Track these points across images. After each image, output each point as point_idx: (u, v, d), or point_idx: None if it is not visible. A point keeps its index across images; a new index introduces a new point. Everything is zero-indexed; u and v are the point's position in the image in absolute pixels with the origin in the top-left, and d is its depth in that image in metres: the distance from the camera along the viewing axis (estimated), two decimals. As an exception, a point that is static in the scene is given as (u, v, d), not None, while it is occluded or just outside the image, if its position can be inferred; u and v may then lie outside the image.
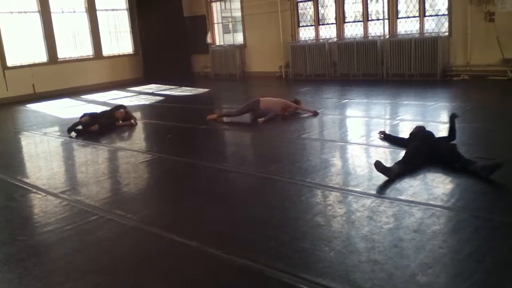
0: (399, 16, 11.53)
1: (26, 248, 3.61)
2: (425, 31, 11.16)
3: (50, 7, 13.24)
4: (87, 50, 14.25)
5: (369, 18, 12.12)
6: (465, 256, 3.00)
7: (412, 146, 4.91)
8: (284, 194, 4.37)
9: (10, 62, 12.49)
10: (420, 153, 4.77)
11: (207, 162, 5.64)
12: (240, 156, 6.17)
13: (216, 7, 15.38)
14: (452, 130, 5.23)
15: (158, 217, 4.14)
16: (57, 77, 13.22)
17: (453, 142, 5.17)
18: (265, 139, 6.81)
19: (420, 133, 5.23)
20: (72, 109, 8.81)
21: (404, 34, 11.44)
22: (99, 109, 8.61)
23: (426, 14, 11.17)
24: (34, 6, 13.02)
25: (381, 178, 4.49)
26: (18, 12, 12.77)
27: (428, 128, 5.52)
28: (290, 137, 6.54)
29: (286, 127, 7.28)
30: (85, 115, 7.80)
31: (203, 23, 15.23)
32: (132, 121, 8.13)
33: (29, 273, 3.21)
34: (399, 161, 4.65)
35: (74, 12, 13.98)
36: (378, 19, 11.96)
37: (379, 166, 4.41)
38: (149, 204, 4.57)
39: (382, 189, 4.24)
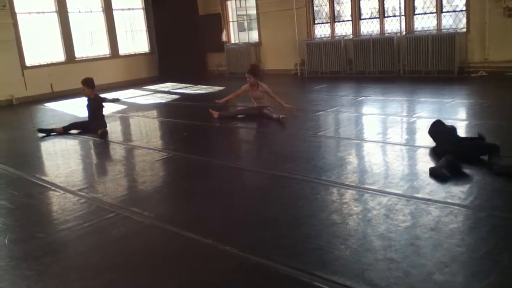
0: (416, 13, 11.41)
1: (44, 245, 3.66)
2: (442, 28, 11.03)
3: (68, 7, 13.38)
4: (104, 49, 14.39)
5: (385, 15, 12.02)
6: (482, 255, 2.96)
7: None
8: (299, 192, 4.35)
9: (28, 62, 12.67)
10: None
11: (222, 160, 5.65)
12: (255, 154, 6.17)
13: (231, 5, 15.40)
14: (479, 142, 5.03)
15: (173, 215, 4.16)
16: (74, 76, 13.24)
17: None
18: (280, 137, 6.80)
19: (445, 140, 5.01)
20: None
21: (421, 31, 11.31)
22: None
23: (444, 10, 11.05)
24: (52, 6, 13.17)
25: (398, 176, 4.46)
26: (37, 13, 12.93)
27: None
28: (305, 135, 6.52)
29: (301, 125, 7.25)
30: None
31: (218, 22, 15.26)
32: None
33: (46, 270, 3.25)
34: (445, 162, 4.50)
35: (91, 11, 14.11)
36: (394, 16, 11.85)
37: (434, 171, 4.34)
38: (165, 202, 4.60)
39: (399, 187, 4.20)
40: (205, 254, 3.32)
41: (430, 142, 5.29)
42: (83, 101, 8.32)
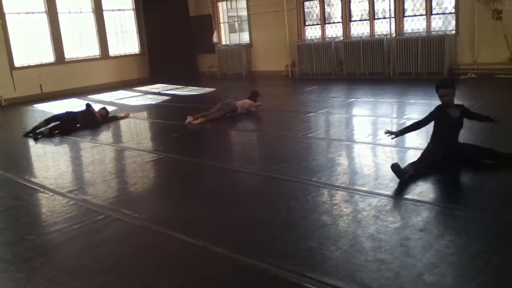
0: (405, 15, 11.49)
1: (34, 248, 3.63)
2: (432, 30, 11.11)
3: (57, 7, 13.32)
4: (94, 50, 14.33)
5: (376, 17, 12.09)
6: (472, 255, 2.99)
7: (429, 151, 4.68)
8: (290, 194, 4.36)
9: (17, 63, 12.58)
10: (436, 158, 4.61)
11: (213, 162, 5.65)
12: (246, 156, 6.17)
13: (222, 6, 15.40)
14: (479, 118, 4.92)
15: (164, 217, 4.15)
16: (64, 77, 13.29)
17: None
18: (271, 139, 6.81)
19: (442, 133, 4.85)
20: (79, 109, 8.85)
21: (410, 33, 11.40)
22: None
23: (433, 12, 11.13)
24: (41, 6, 13.10)
25: (388, 177, 4.47)
26: (26, 13, 12.85)
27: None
28: (296, 137, 6.53)
29: (292, 126, 7.28)
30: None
31: (209, 23, 15.25)
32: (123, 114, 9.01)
33: (36, 273, 3.23)
34: (413, 162, 4.51)
35: (81, 12, 14.04)
36: (384, 18, 11.92)
37: (395, 167, 4.31)
38: (156, 204, 4.58)
39: (388, 188, 4.23)
40: (196, 256, 3.31)
41: (419, 144, 5.31)
42: (72, 102, 8.29)
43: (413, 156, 5.16)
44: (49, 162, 6.39)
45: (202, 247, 3.39)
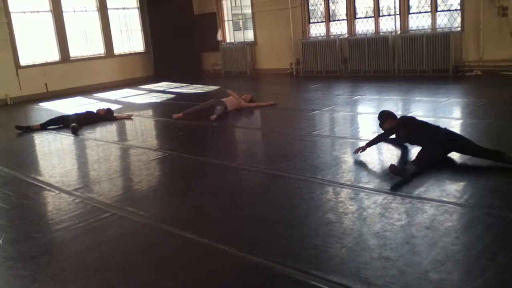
0: (410, 12, 11.44)
1: (39, 246, 3.64)
2: (437, 27, 11.06)
3: (62, 6, 13.36)
4: (99, 49, 14.36)
5: (380, 14, 12.05)
6: (477, 253, 2.97)
7: (428, 148, 4.66)
8: (294, 191, 4.36)
9: (23, 61, 12.63)
10: (436, 154, 4.61)
11: (218, 160, 5.65)
12: (251, 154, 6.17)
13: (226, 4, 15.39)
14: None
15: (169, 215, 4.16)
16: (69, 76, 13.34)
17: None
18: (276, 137, 6.80)
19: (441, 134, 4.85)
20: (84, 107, 8.90)
21: (415, 30, 11.35)
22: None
23: (438, 9, 11.08)
24: (46, 5, 13.14)
25: (393, 174, 4.46)
26: (31, 12, 12.90)
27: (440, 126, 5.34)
28: (300, 134, 6.53)
29: (297, 124, 7.27)
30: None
31: (213, 21, 15.25)
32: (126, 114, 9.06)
33: (42, 270, 3.24)
34: (414, 160, 4.52)
35: (86, 11, 14.08)
36: (389, 15, 11.88)
37: (394, 169, 4.32)
38: (161, 202, 4.59)
39: (394, 185, 4.21)
40: (201, 254, 3.32)
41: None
42: (77, 100, 8.33)
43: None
44: (55, 160, 6.42)
45: (205, 245, 3.39)
